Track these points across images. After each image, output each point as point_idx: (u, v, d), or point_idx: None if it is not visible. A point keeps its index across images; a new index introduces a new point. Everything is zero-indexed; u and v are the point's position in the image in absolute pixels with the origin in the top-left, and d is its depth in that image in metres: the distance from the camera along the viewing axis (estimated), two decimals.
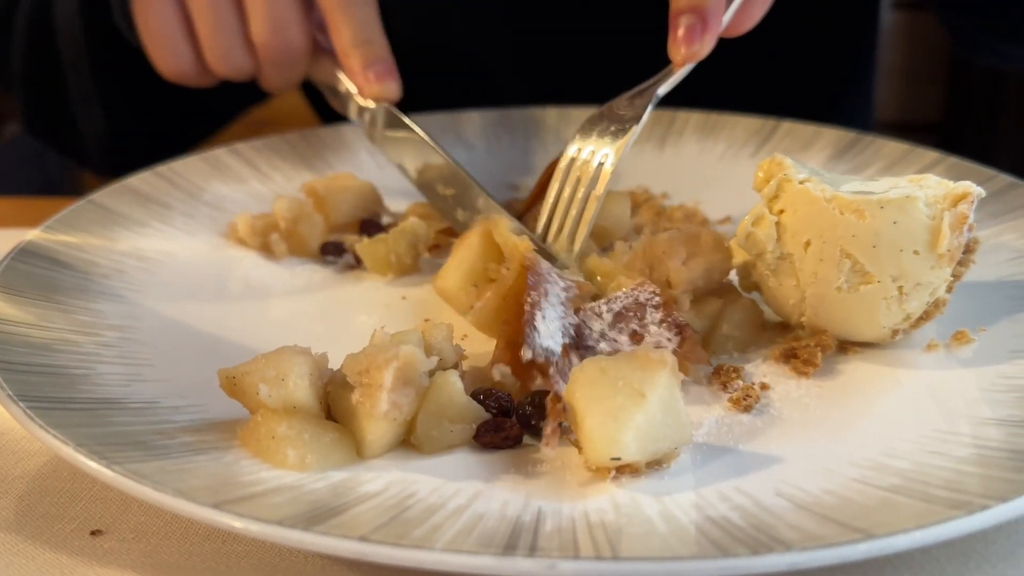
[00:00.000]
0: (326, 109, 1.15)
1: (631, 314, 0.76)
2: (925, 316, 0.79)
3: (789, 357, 0.79)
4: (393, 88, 1.01)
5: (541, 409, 0.70)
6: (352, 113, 1.05)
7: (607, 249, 0.93)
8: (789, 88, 1.41)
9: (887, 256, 0.76)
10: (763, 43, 1.37)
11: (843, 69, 1.46)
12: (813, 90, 1.43)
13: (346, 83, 1.04)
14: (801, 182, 0.79)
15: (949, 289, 0.79)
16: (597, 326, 0.76)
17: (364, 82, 1.01)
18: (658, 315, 0.75)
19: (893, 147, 1.08)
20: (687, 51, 0.84)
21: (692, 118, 1.19)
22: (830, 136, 1.12)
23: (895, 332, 0.79)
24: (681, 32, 0.83)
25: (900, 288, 0.77)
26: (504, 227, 0.83)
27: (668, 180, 1.11)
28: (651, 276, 0.81)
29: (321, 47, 1.06)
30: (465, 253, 0.84)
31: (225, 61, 1.03)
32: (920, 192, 0.76)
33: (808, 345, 0.79)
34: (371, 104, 1.02)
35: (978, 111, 2.98)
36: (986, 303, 0.85)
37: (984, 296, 0.86)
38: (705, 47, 0.84)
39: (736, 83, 1.39)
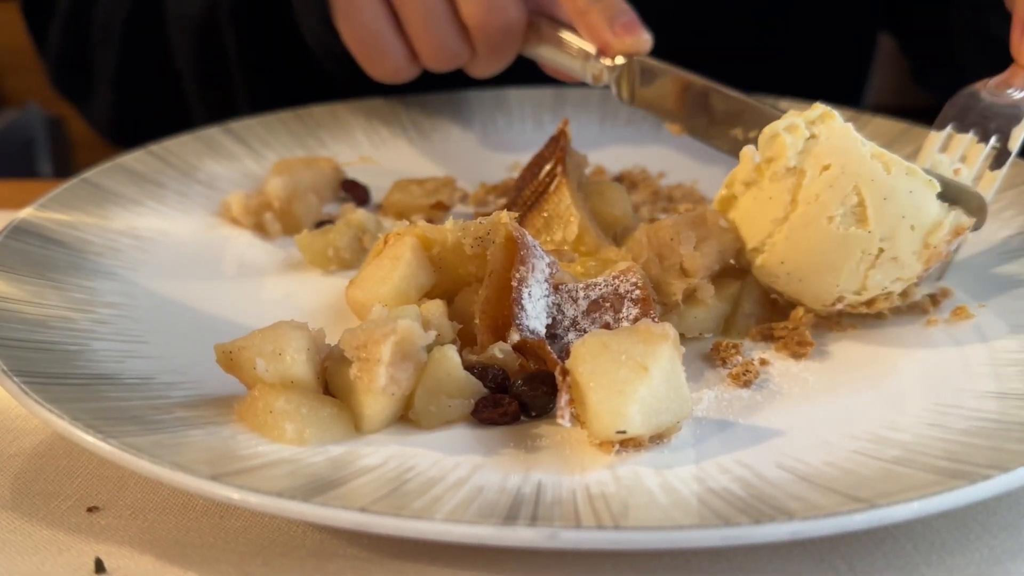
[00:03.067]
0: (314, 92, 1.14)
1: (607, 304, 0.73)
2: (871, 303, 0.78)
3: (768, 338, 0.79)
4: (645, 38, 0.94)
5: (535, 389, 0.69)
6: (590, 77, 0.97)
7: (616, 237, 0.92)
8: (782, 66, 1.40)
9: (890, 214, 0.76)
10: (763, 23, 1.36)
11: (844, 48, 1.45)
12: (807, 69, 1.42)
13: (582, 45, 0.97)
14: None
15: (906, 294, 0.79)
16: (570, 311, 0.73)
17: (613, 37, 0.94)
18: (635, 311, 0.73)
19: (891, 126, 1.07)
20: None
21: None
22: None
23: (839, 299, 0.78)
24: None
25: (880, 250, 0.76)
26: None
27: (665, 159, 1.10)
28: (661, 264, 0.78)
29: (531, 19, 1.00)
30: (395, 265, 0.77)
31: (440, 51, 0.98)
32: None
33: (786, 327, 0.79)
34: (620, 61, 0.95)
35: None
36: (986, 280, 0.85)
37: (984, 272, 0.86)
38: None
39: (728, 62, 1.38)
